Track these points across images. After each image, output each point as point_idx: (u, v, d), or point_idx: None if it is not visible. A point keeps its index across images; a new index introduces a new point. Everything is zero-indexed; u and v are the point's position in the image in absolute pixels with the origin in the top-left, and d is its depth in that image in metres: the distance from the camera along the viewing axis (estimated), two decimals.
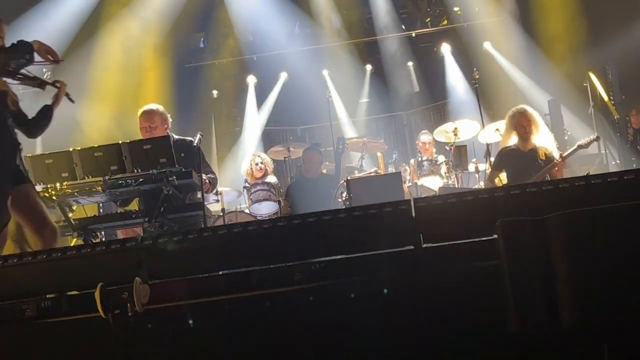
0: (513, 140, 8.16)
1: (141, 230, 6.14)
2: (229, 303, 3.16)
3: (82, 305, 3.20)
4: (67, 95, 5.83)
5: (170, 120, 7.06)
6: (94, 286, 3.08)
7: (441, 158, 10.67)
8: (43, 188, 5.89)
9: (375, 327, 3.11)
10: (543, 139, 8.12)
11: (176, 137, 6.79)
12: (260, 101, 15.54)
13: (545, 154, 8.08)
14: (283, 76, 15.56)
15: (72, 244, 6.23)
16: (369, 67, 15.86)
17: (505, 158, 8.20)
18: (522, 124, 8.06)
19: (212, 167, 7.45)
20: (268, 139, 15.16)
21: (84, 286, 3.25)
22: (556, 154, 8.02)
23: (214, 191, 8.34)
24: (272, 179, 10.17)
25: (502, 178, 8.32)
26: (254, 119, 15.47)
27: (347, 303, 3.14)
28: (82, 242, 6.01)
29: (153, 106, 7.01)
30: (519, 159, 8.01)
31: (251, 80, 15.48)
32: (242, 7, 14.56)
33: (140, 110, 6.97)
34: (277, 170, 10.73)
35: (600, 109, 11.07)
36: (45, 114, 5.73)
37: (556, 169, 7.82)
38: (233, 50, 15.16)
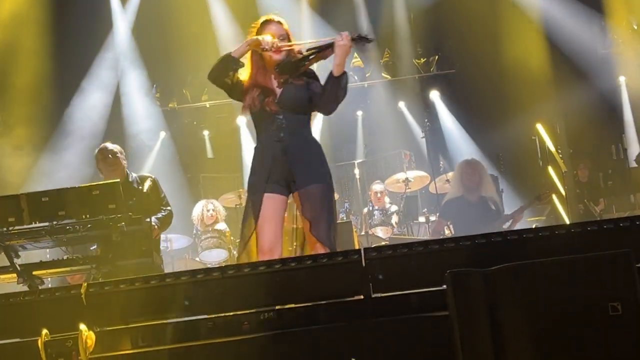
0: (460, 191, 8.23)
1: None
2: (176, 353, 3.11)
3: (24, 354, 3.13)
4: (361, 37, 4.84)
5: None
6: (38, 334, 3.01)
7: (394, 207, 10.69)
8: None
9: None
10: (489, 190, 8.24)
11: (135, 175, 6.79)
12: None
13: (496, 204, 8.19)
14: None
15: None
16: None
17: (452, 208, 8.25)
18: (469, 174, 8.16)
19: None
20: (218, 187, 14.96)
21: (28, 334, 3.18)
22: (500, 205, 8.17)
23: (166, 230, 8.20)
24: (222, 226, 10.10)
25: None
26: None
27: (296, 353, 3.12)
28: (28, 288, 5.89)
29: (110, 145, 6.93)
30: (466, 209, 8.06)
31: (206, 133, 15.21)
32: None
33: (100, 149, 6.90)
34: (228, 217, 10.63)
35: (549, 162, 11.23)
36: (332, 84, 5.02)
37: (516, 222, 7.94)
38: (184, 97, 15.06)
